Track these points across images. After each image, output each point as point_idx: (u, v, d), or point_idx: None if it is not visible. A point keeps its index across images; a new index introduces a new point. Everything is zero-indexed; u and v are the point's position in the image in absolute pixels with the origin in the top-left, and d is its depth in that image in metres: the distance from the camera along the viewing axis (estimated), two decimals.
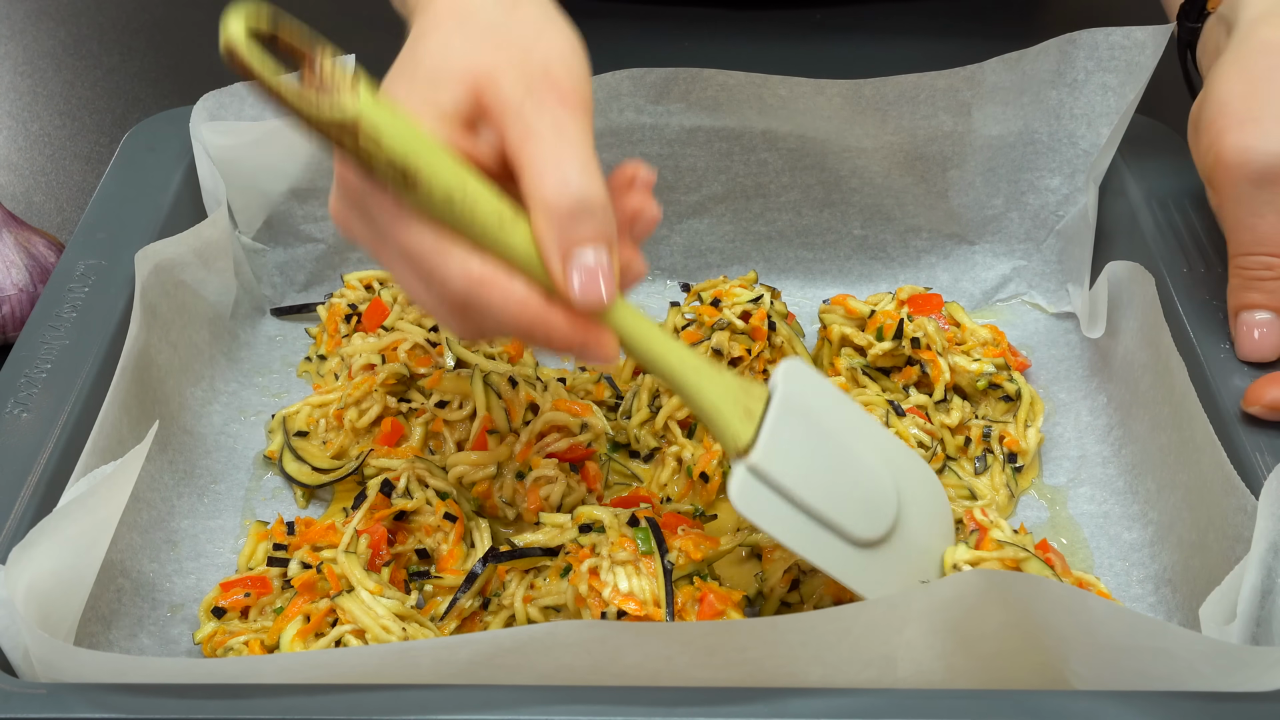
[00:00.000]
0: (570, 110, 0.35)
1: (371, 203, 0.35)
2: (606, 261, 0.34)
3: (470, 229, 0.34)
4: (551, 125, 0.34)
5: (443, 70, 0.35)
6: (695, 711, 0.33)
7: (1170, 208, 0.52)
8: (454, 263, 0.34)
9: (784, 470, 0.36)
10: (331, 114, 0.32)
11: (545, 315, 0.34)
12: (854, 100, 0.53)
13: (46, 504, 0.40)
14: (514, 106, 0.35)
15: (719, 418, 0.36)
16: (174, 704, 0.34)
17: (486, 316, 0.35)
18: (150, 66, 0.74)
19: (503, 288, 0.34)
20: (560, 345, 0.35)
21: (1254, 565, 0.36)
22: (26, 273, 0.53)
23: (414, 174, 0.33)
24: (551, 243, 0.34)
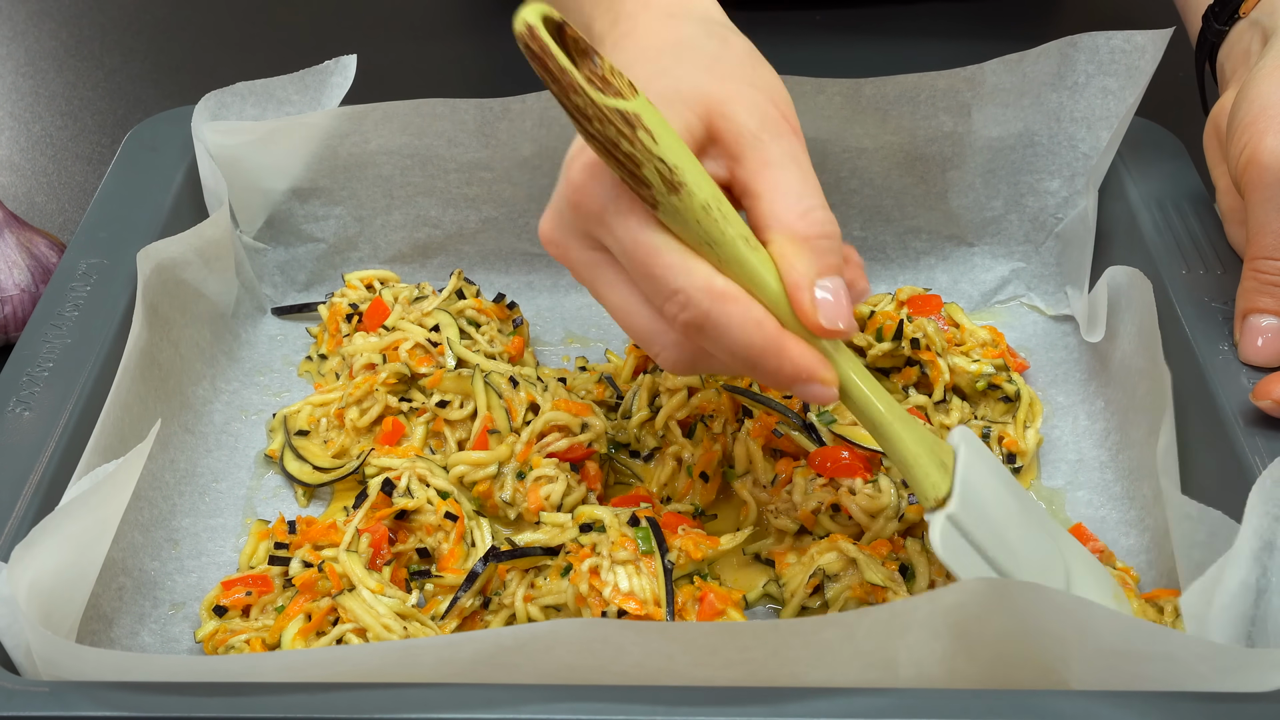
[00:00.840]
0: (799, 141, 0.36)
1: (614, 206, 0.35)
2: (843, 291, 0.35)
3: (717, 245, 0.34)
4: (790, 157, 0.35)
5: (674, 95, 0.36)
6: (696, 711, 0.33)
7: (1169, 210, 0.52)
8: (699, 277, 0.34)
9: (976, 523, 0.37)
10: (617, 105, 0.33)
11: (780, 340, 0.34)
12: (854, 100, 0.53)
13: (49, 502, 0.40)
14: (750, 135, 0.35)
15: (919, 468, 0.37)
16: (176, 701, 0.34)
17: (721, 336, 0.34)
18: (152, 67, 0.75)
19: (745, 305, 0.34)
20: (788, 375, 0.35)
21: (1242, 562, 0.36)
22: (28, 272, 0.53)
23: (681, 176, 0.34)
24: (798, 267, 0.34)
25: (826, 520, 0.45)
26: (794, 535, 0.46)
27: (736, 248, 0.34)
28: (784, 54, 0.73)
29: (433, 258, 0.58)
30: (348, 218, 0.57)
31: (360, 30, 0.78)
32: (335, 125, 0.54)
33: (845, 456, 0.46)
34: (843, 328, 0.35)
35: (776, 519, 0.46)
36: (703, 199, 0.34)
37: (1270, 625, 0.36)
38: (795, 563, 0.43)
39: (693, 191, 0.34)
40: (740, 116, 0.36)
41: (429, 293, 0.54)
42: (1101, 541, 0.45)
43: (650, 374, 0.51)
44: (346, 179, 0.56)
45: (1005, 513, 0.38)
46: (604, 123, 0.33)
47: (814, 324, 0.35)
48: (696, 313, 0.34)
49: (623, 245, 0.35)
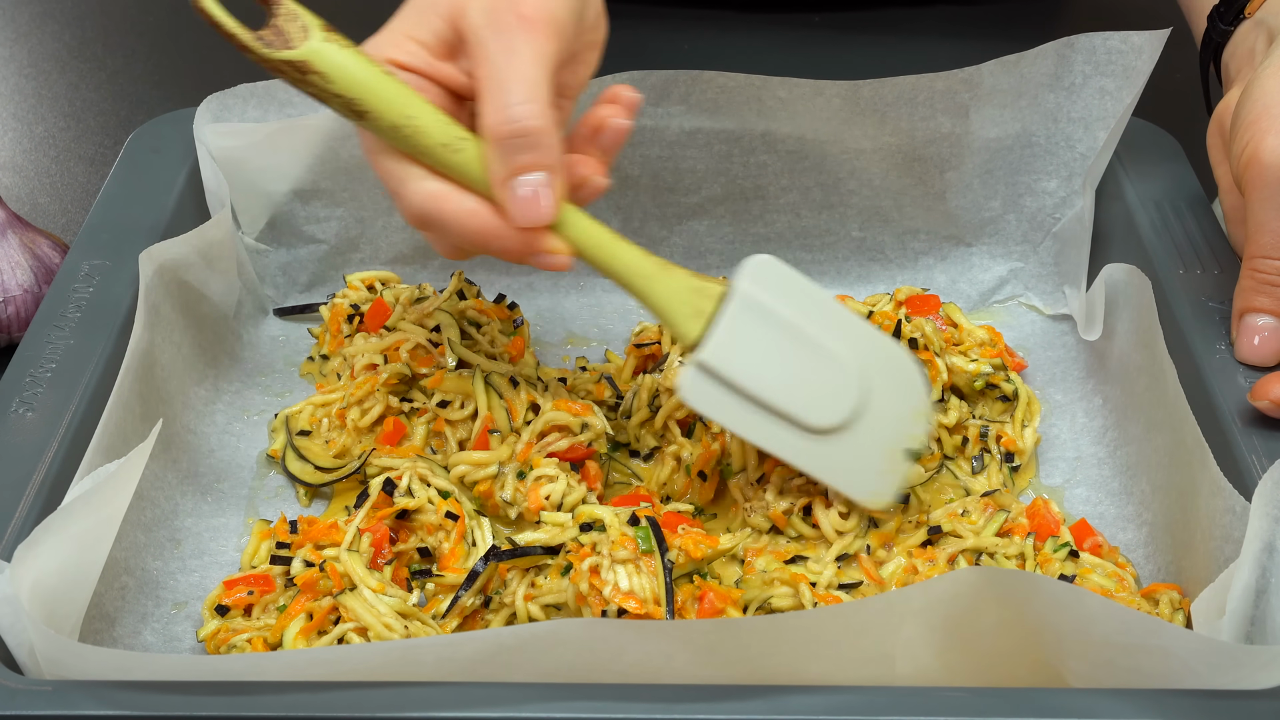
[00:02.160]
0: (528, 33, 0.38)
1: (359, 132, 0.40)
2: (545, 184, 0.38)
3: (421, 154, 0.39)
4: (503, 50, 0.37)
5: (428, 3, 0.40)
6: (695, 708, 0.33)
7: (1166, 209, 0.52)
8: (410, 184, 0.39)
9: (732, 364, 0.39)
10: (280, 55, 0.38)
11: (495, 226, 0.38)
12: (852, 101, 0.53)
13: (51, 502, 0.40)
14: (474, 35, 0.38)
15: (671, 317, 0.40)
16: (178, 700, 0.34)
17: (447, 229, 0.39)
18: (154, 69, 0.75)
19: (455, 202, 0.38)
20: (513, 255, 0.39)
21: (1247, 564, 0.36)
22: (31, 273, 0.53)
23: (361, 106, 0.38)
24: (494, 169, 0.38)
25: (798, 522, 0.45)
26: (767, 533, 0.46)
27: (439, 156, 0.38)
28: (782, 57, 0.73)
29: (434, 259, 0.58)
30: (349, 219, 0.57)
31: (361, 32, 0.78)
32: (337, 127, 0.55)
33: None
34: (539, 220, 0.38)
35: (750, 517, 0.46)
36: (389, 121, 0.38)
37: (1269, 625, 0.36)
38: (756, 574, 0.43)
39: (378, 116, 0.38)
40: (471, 16, 0.38)
41: (430, 293, 0.54)
42: (1103, 537, 0.45)
43: (650, 374, 0.51)
44: (348, 180, 0.56)
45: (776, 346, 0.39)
46: (279, 72, 0.38)
47: (513, 221, 0.38)
48: (416, 212, 0.39)
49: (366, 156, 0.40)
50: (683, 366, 0.39)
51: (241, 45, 0.38)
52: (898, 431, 0.42)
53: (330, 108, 0.39)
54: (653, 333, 0.54)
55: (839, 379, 0.40)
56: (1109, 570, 0.42)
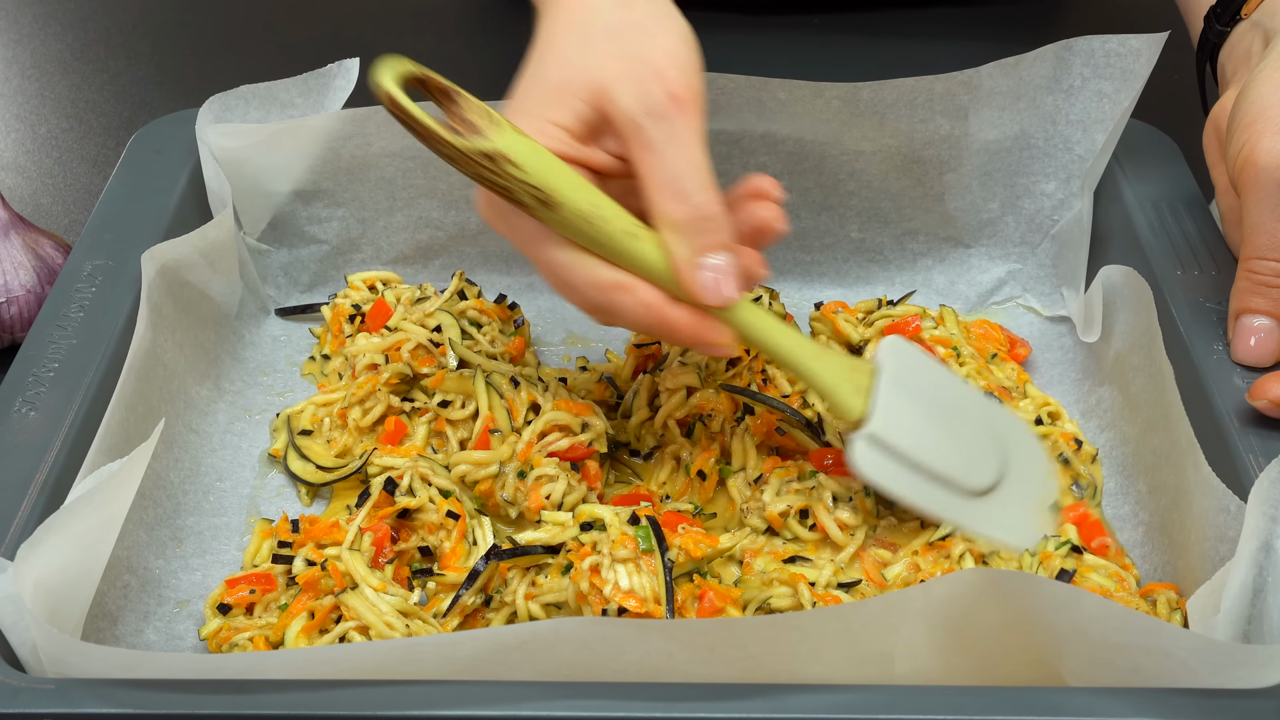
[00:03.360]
0: (685, 116, 0.38)
1: (512, 218, 0.40)
2: (726, 265, 0.39)
3: (602, 244, 0.39)
4: (667, 138, 0.38)
5: (564, 85, 0.39)
6: (695, 707, 0.33)
7: (1164, 210, 0.53)
8: (584, 273, 0.39)
9: (897, 435, 0.41)
10: (478, 146, 0.37)
11: (669, 314, 0.39)
12: (852, 103, 0.53)
13: (54, 501, 0.41)
14: (629, 121, 0.39)
15: (836, 395, 0.41)
16: (180, 699, 0.34)
17: (617, 318, 0.40)
18: (156, 70, 0.75)
19: (630, 292, 0.39)
20: (683, 341, 0.40)
21: (1244, 563, 0.36)
22: (34, 274, 0.53)
23: (551, 197, 0.38)
24: (680, 254, 0.39)
25: (795, 525, 0.45)
26: (764, 534, 0.46)
27: (620, 243, 0.39)
28: (782, 59, 0.73)
29: (435, 259, 0.59)
30: (350, 219, 0.57)
31: (363, 34, 0.79)
32: (338, 128, 0.55)
33: (834, 461, 0.46)
34: (726, 300, 0.39)
35: (748, 518, 0.46)
36: (577, 209, 0.38)
37: (1266, 624, 0.36)
38: (755, 575, 0.44)
39: (566, 204, 0.38)
40: (621, 100, 0.38)
41: (431, 294, 0.54)
42: (1112, 538, 0.45)
43: (650, 374, 0.51)
44: (349, 181, 0.56)
45: (930, 417, 0.42)
46: (469, 164, 0.37)
47: (699, 301, 0.39)
48: (590, 303, 0.40)
49: (522, 245, 0.40)
50: (853, 441, 0.40)
51: (435, 139, 0.37)
52: (1037, 488, 0.44)
53: (510, 198, 0.38)
54: None
55: (984, 443, 0.43)
56: (1110, 570, 0.42)
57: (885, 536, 0.46)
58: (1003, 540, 0.42)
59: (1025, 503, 0.43)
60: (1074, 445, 0.49)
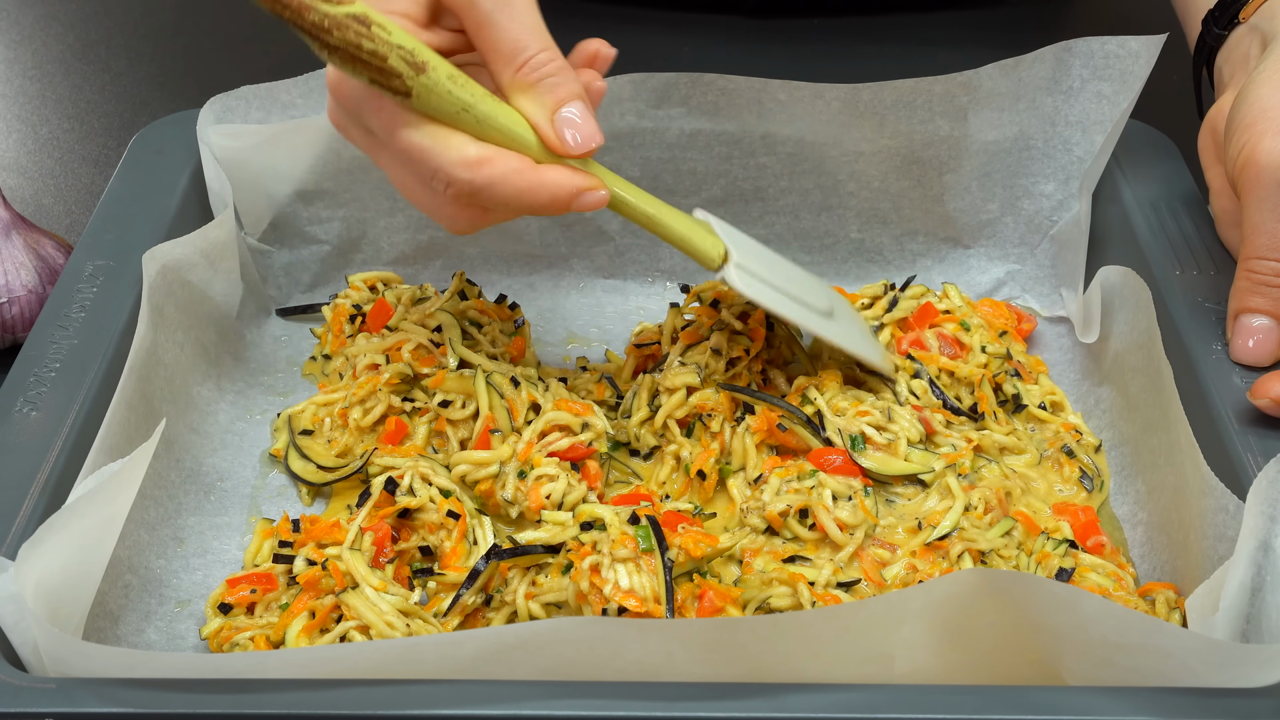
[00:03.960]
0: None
1: (369, 110, 0.39)
2: (582, 111, 0.39)
3: (472, 107, 0.38)
4: (500, 6, 0.38)
5: None
6: (695, 706, 0.34)
7: (1163, 210, 0.53)
8: (453, 151, 0.38)
9: (755, 266, 0.46)
10: (348, 9, 0.36)
11: (539, 175, 0.39)
12: (852, 104, 0.53)
13: (55, 501, 0.41)
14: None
15: (695, 238, 0.44)
16: (181, 698, 0.34)
17: (491, 194, 0.38)
18: (157, 71, 0.75)
19: (498, 161, 0.38)
20: (561, 198, 0.39)
21: (1242, 562, 0.36)
22: (35, 274, 0.53)
23: (422, 58, 0.37)
24: (536, 114, 0.39)
25: (794, 524, 0.45)
26: (764, 533, 0.46)
27: (488, 102, 0.39)
28: (782, 61, 0.73)
29: (435, 260, 0.59)
30: (351, 220, 0.58)
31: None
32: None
33: (837, 461, 0.46)
34: (590, 143, 0.39)
35: (748, 517, 0.46)
36: (446, 70, 0.38)
37: (1265, 623, 0.36)
38: (755, 574, 0.44)
39: (436, 65, 0.37)
40: None
41: (431, 294, 0.54)
42: (1108, 537, 0.45)
43: (649, 374, 0.51)
44: (350, 182, 0.57)
45: (768, 259, 0.47)
46: (342, 29, 0.36)
47: (566, 151, 0.39)
48: (459, 185, 0.38)
49: (384, 139, 0.39)
50: (727, 269, 0.45)
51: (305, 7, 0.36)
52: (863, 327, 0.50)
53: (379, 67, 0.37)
54: (652, 333, 0.54)
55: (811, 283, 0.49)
56: (1108, 570, 0.43)
57: (884, 537, 0.46)
58: (862, 352, 0.47)
59: (865, 334, 0.49)
60: (1076, 436, 0.49)
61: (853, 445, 0.47)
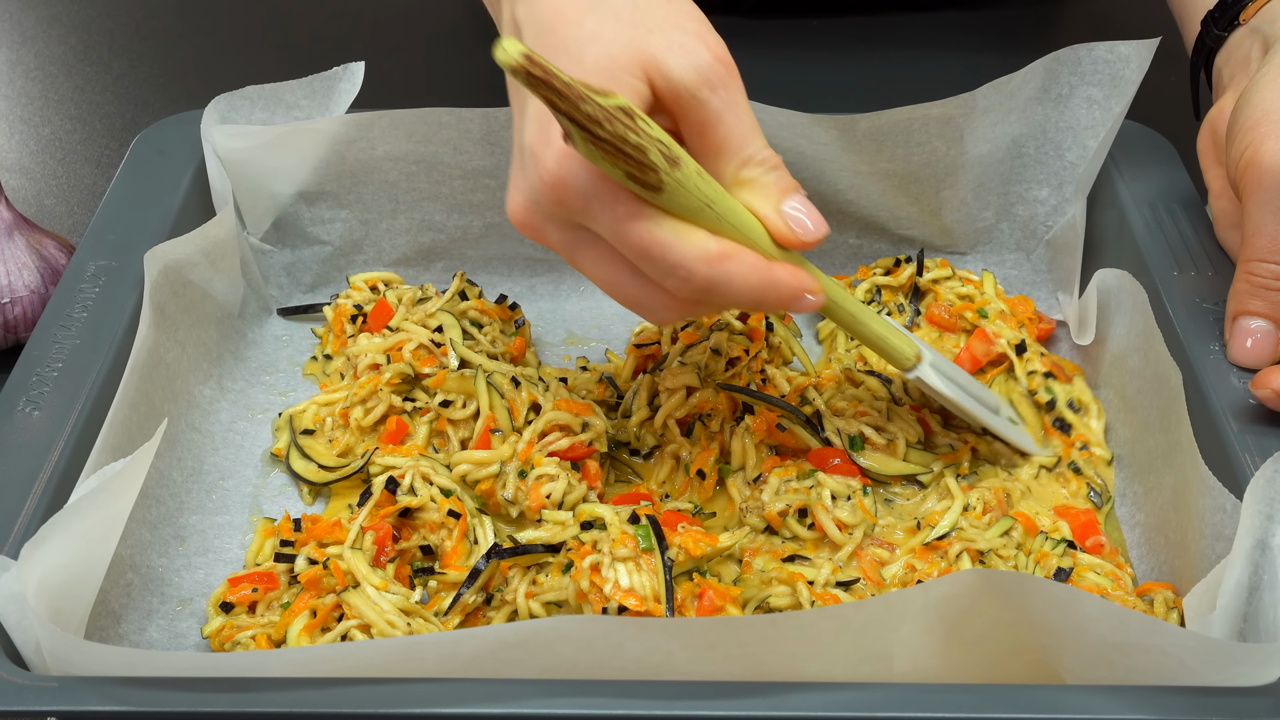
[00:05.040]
0: (735, 79, 0.38)
1: (601, 205, 0.36)
2: (805, 201, 0.39)
3: (716, 202, 0.38)
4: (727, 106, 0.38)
5: (612, 64, 0.37)
6: (695, 705, 0.34)
7: (1160, 211, 0.53)
8: (696, 247, 0.37)
9: (945, 369, 0.48)
10: (615, 100, 0.35)
11: (772, 272, 0.38)
12: (849, 132, 0.54)
13: (58, 500, 0.41)
14: (688, 93, 0.37)
15: (894, 336, 0.46)
16: (182, 697, 0.34)
17: (728, 289, 0.38)
18: (159, 72, 0.75)
19: (740, 257, 0.38)
20: (788, 296, 0.39)
21: (1239, 561, 0.36)
22: (38, 274, 0.53)
23: (677, 153, 0.36)
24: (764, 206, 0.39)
25: (793, 524, 0.46)
26: (763, 533, 0.46)
27: (728, 199, 0.38)
28: (780, 62, 0.73)
29: (436, 261, 0.59)
30: (353, 221, 0.58)
31: (367, 37, 0.79)
32: (342, 131, 0.55)
33: (837, 462, 0.47)
34: (819, 233, 0.39)
35: (747, 517, 0.46)
36: (695, 165, 0.37)
37: (1262, 622, 0.36)
38: (754, 573, 0.44)
39: (687, 161, 0.37)
40: (676, 73, 0.37)
41: (432, 294, 0.55)
42: (1106, 537, 0.45)
43: (649, 374, 0.52)
44: (353, 184, 0.57)
45: (946, 360, 0.49)
46: (612, 122, 0.34)
47: (797, 242, 0.39)
48: (699, 282, 0.37)
49: (614, 231, 0.37)
50: (920, 367, 0.46)
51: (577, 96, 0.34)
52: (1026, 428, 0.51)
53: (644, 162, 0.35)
54: (652, 333, 0.54)
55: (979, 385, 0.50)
56: (1106, 570, 0.43)
57: (883, 536, 0.46)
58: (1026, 445, 0.49)
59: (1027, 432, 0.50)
60: (1085, 453, 0.49)
61: (851, 445, 0.47)
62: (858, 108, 0.54)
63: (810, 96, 0.55)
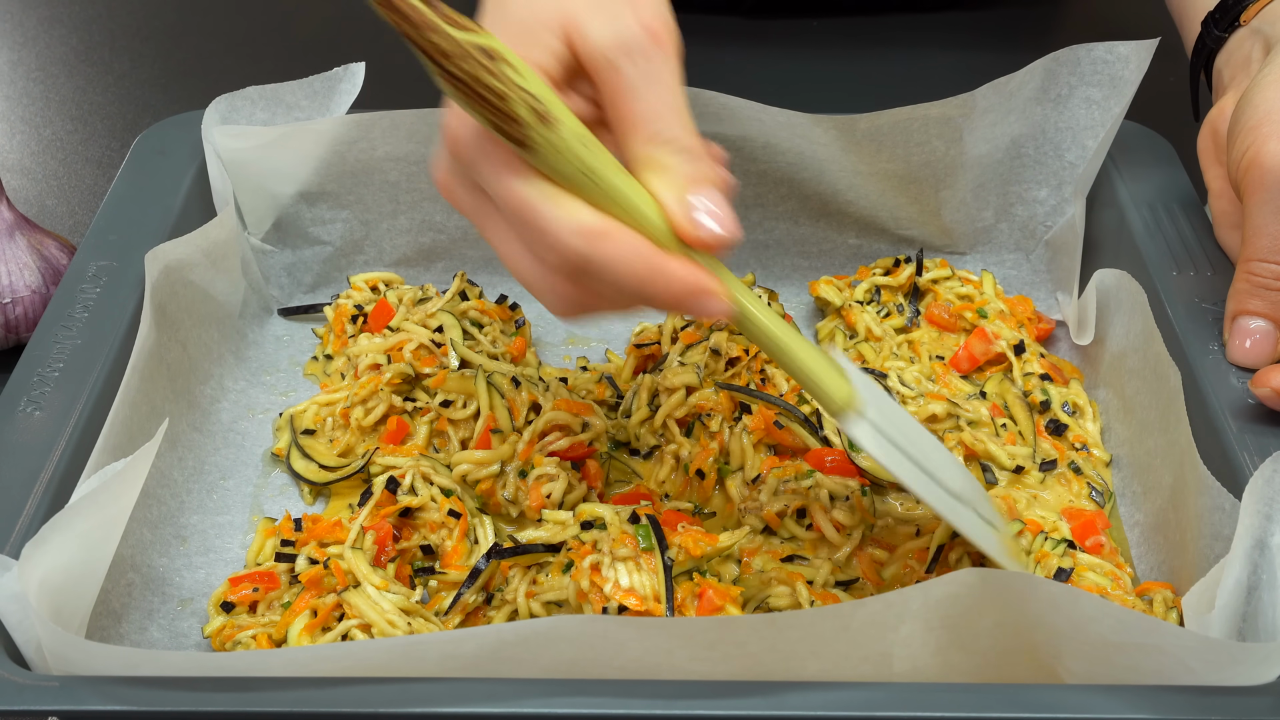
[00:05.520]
0: (662, 52, 0.34)
1: (481, 157, 0.34)
2: (719, 199, 0.34)
3: (594, 174, 0.33)
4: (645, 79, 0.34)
5: (533, 19, 0.34)
6: (695, 704, 0.34)
7: (1160, 212, 0.53)
8: (566, 215, 0.33)
9: (888, 426, 0.38)
10: (478, 40, 0.31)
11: (662, 262, 0.33)
12: (849, 132, 0.54)
13: (59, 500, 0.41)
14: (604, 58, 0.34)
15: (821, 374, 0.37)
16: (183, 696, 0.34)
17: (602, 273, 0.33)
18: (160, 72, 0.75)
19: (618, 238, 0.33)
20: (677, 292, 0.33)
21: (1238, 560, 0.36)
22: (39, 274, 0.54)
23: (548, 109, 0.32)
24: (666, 194, 0.33)
25: (792, 524, 0.46)
26: (762, 533, 0.46)
27: (611, 175, 0.33)
28: (780, 62, 0.73)
29: (437, 261, 0.59)
30: (354, 222, 0.58)
31: (368, 38, 0.79)
32: (343, 131, 0.55)
33: (834, 461, 0.47)
34: (725, 235, 0.33)
35: (746, 517, 0.47)
36: (576, 129, 0.33)
37: (1261, 622, 0.36)
38: (754, 573, 0.44)
39: (564, 121, 0.33)
40: (594, 34, 0.34)
41: (433, 294, 0.55)
42: (1107, 536, 0.45)
43: (650, 374, 0.52)
44: (353, 184, 0.57)
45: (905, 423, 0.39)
46: (465, 58, 0.31)
47: (694, 239, 0.33)
48: (571, 254, 0.33)
49: (495, 192, 0.34)
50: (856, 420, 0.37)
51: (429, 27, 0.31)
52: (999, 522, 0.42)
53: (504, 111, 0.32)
54: (652, 333, 0.54)
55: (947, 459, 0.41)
56: (1106, 569, 0.43)
57: (881, 537, 0.46)
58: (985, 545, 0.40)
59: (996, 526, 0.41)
60: (1084, 453, 0.49)
61: (850, 445, 0.47)
62: (858, 108, 0.54)
63: (810, 96, 0.55)
